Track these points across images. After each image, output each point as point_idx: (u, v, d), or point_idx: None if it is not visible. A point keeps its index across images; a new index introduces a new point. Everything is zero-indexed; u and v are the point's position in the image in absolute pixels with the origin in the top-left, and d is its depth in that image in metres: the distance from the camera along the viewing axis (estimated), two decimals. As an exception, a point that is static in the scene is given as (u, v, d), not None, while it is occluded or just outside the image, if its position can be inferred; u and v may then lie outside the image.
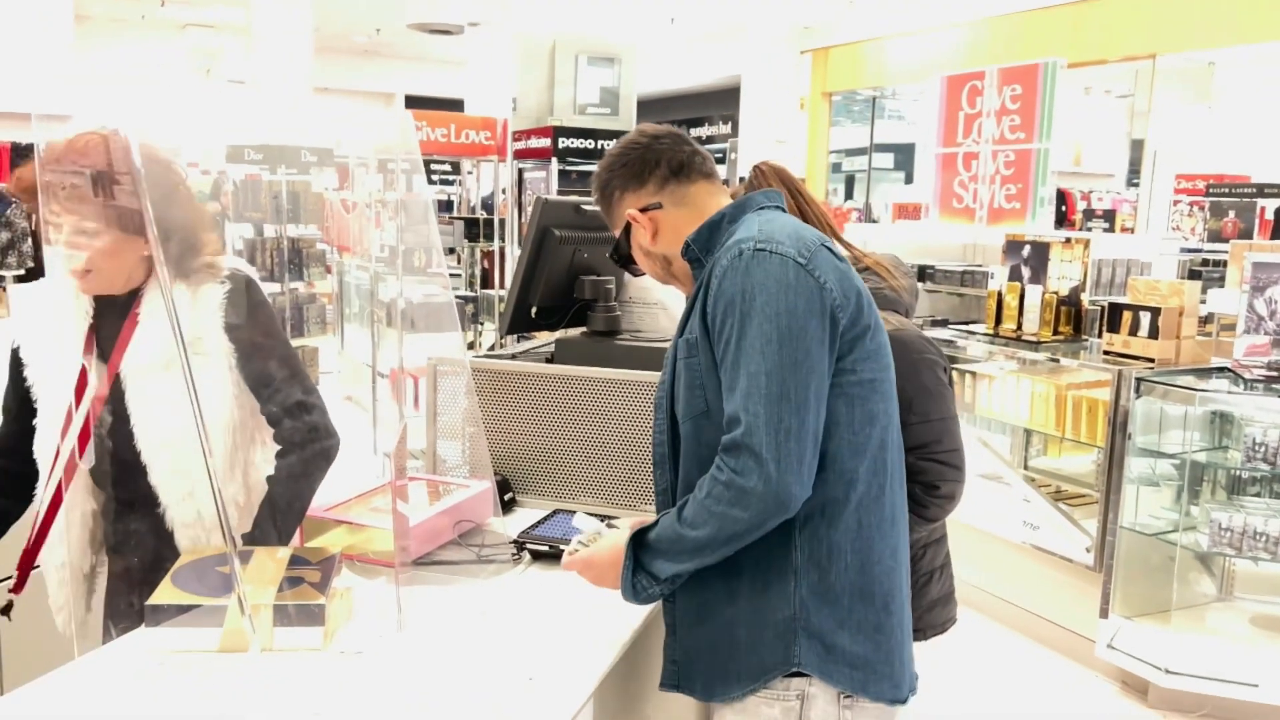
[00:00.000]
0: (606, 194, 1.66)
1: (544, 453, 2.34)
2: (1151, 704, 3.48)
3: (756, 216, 1.55)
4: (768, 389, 1.36)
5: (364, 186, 5.53)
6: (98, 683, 1.49)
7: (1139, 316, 3.61)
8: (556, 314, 2.45)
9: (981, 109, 5.61)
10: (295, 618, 1.57)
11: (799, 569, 1.45)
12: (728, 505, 1.37)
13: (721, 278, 1.44)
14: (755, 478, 1.34)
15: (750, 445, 1.35)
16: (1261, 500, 3.60)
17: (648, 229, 1.62)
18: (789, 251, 1.43)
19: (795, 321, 1.39)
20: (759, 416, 1.35)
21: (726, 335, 1.41)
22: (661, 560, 1.47)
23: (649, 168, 1.63)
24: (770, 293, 1.39)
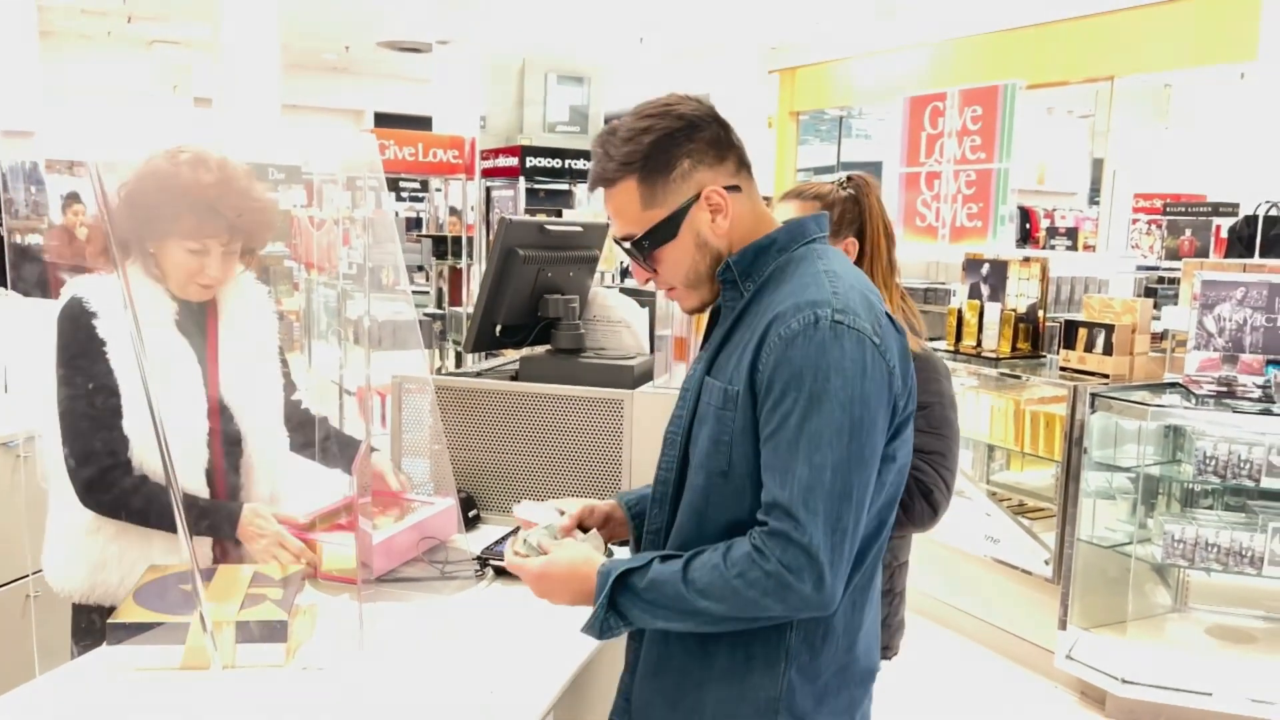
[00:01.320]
0: (665, 162, 1.36)
1: (508, 469, 2.36)
2: (1109, 713, 3.55)
3: (814, 256, 1.38)
4: (831, 485, 1.24)
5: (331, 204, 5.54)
6: (58, 702, 1.49)
7: (1094, 333, 3.70)
8: (521, 332, 2.48)
9: (943, 129, 5.72)
10: (258, 634, 1.59)
11: (791, 650, 1.35)
12: (762, 594, 1.24)
13: (789, 341, 1.27)
14: (808, 581, 1.23)
15: (805, 545, 1.23)
16: (1213, 513, 3.69)
17: (724, 213, 1.38)
18: (866, 328, 1.28)
19: (868, 413, 1.26)
20: (818, 514, 1.23)
21: (786, 410, 1.26)
22: (643, 610, 1.33)
23: (728, 146, 1.40)
24: (847, 376, 1.25)
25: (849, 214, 2.09)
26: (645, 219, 1.38)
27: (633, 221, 1.39)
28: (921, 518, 1.99)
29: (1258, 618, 3.87)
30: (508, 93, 7.96)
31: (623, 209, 1.40)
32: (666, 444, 1.46)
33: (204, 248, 1.87)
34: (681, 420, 1.44)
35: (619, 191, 1.39)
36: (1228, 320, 3.49)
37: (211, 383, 1.96)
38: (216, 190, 1.85)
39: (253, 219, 1.94)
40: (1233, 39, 7.52)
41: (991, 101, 5.42)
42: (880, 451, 1.30)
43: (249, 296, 2.07)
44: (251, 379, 2.03)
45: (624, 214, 1.40)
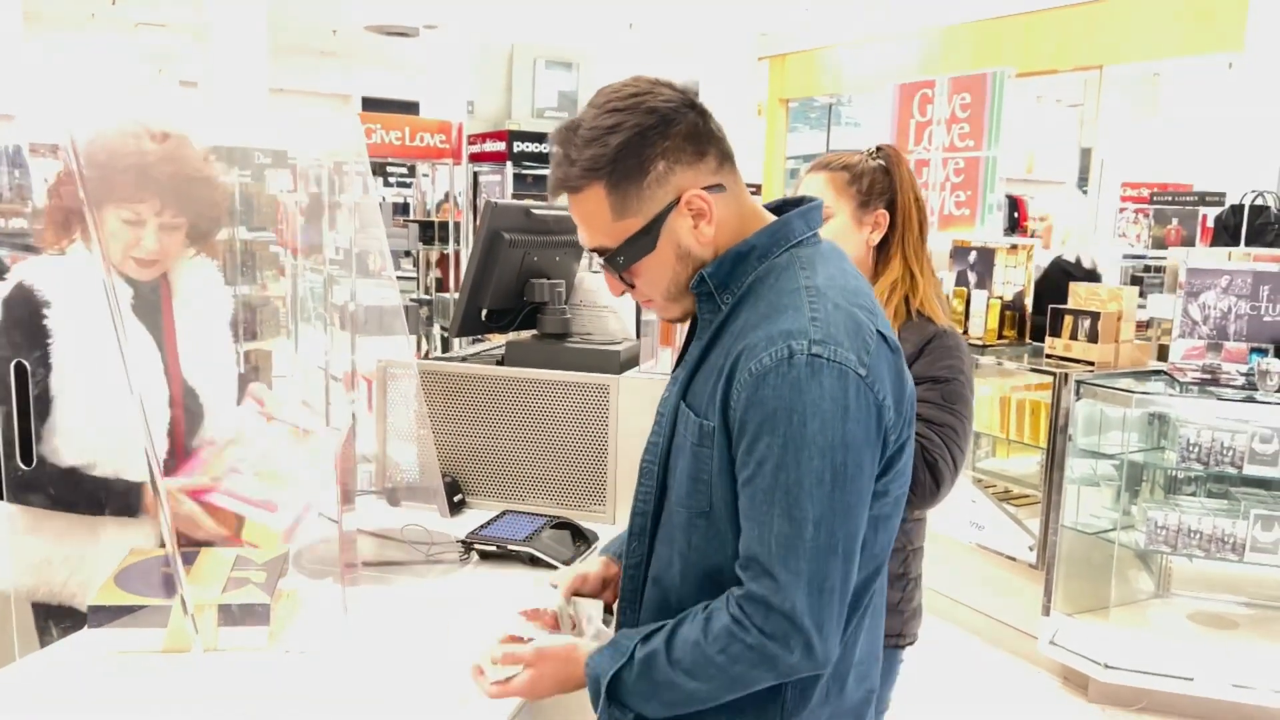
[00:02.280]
0: (638, 165, 1.20)
1: (494, 454, 2.36)
2: (1092, 698, 3.57)
3: (796, 266, 1.23)
4: (814, 540, 1.12)
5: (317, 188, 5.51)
6: (38, 684, 1.48)
7: (1079, 321, 3.71)
8: (507, 316, 2.48)
9: (932, 117, 5.72)
10: (240, 617, 1.58)
11: (786, 704, 1.25)
12: (749, 667, 1.15)
13: (760, 379, 1.14)
14: (796, 651, 1.13)
15: (787, 612, 1.12)
16: (1196, 499, 3.71)
17: (708, 217, 1.23)
18: (850, 359, 1.14)
19: (852, 456, 1.13)
20: (800, 575, 1.11)
21: (760, 456, 1.13)
22: (642, 700, 1.23)
23: (707, 139, 1.23)
24: (826, 418, 1.12)
25: (879, 184, 2.01)
26: (618, 230, 1.23)
27: (603, 233, 1.24)
28: (923, 491, 1.88)
29: (1239, 603, 3.91)
30: (496, 78, 7.93)
31: (591, 218, 1.24)
32: (643, 474, 1.33)
33: (137, 216, 1.78)
34: (658, 449, 1.30)
35: (585, 199, 1.23)
36: (1213, 308, 3.51)
37: (172, 370, 1.90)
38: (155, 157, 1.78)
39: (195, 192, 1.85)
40: (1221, 29, 7.53)
41: (980, 89, 5.42)
42: (869, 495, 1.18)
43: (203, 281, 2.00)
44: (210, 364, 1.98)
45: (592, 224, 1.25)
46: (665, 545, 1.30)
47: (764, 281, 1.24)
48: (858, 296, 1.24)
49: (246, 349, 6.62)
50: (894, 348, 1.25)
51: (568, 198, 1.26)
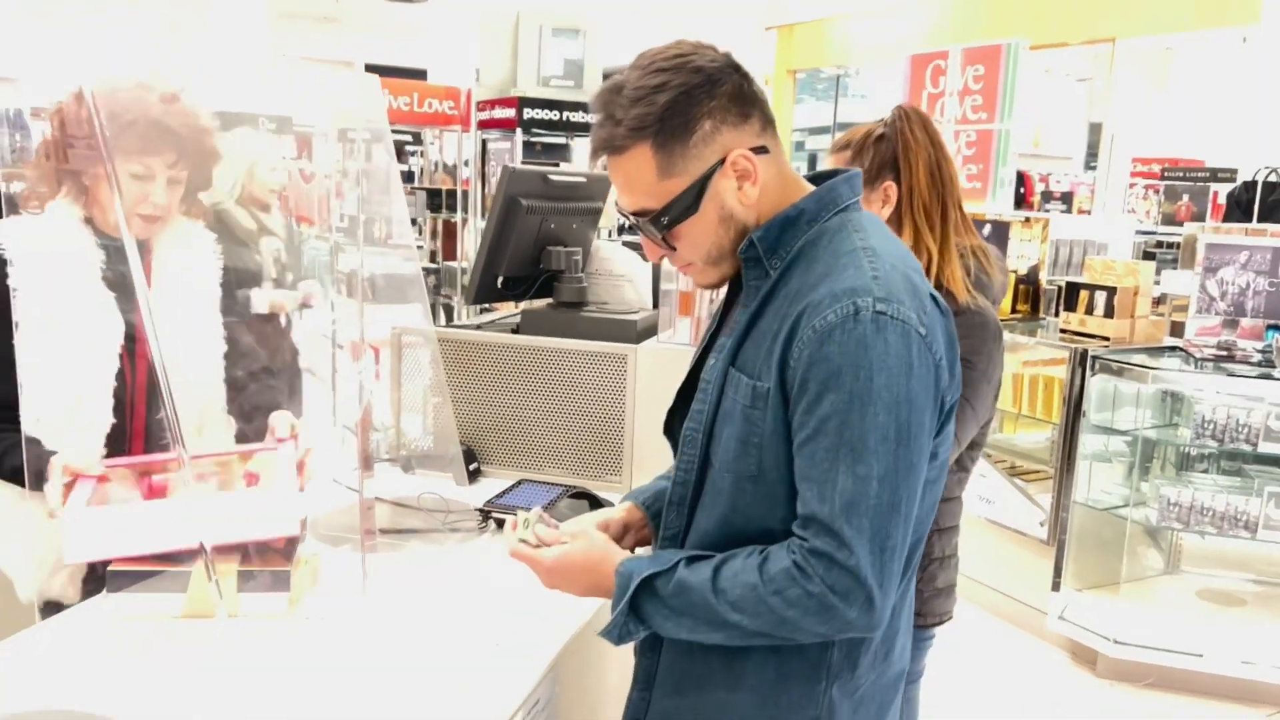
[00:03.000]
0: (684, 124, 1.19)
1: (509, 423, 2.34)
2: (1100, 674, 3.58)
3: (849, 229, 1.22)
4: (878, 497, 1.12)
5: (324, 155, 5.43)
6: (59, 648, 1.47)
7: (1095, 296, 3.68)
8: (523, 284, 2.45)
9: (945, 89, 5.66)
10: (261, 584, 1.56)
11: (832, 667, 1.25)
12: (803, 614, 1.14)
13: (825, 336, 1.13)
14: (857, 607, 1.12)
15: (852, 568, 1.11)
16: (1209, 476, 3.70)
17: (752, 178, 1.22)
18: (911, 318, 1.14)
19: (915, 415, 1.14)
20: (864, 531, 1.11)
21: (824, 414, 1.13)
22: (665, 617, 1.22)
23: (751, 101, 1.23)
24: (891, 375, 1.12)
25: (882, 155, 1.92)
26: (661, 191, 1.21)
27: (646, 194, 1.22)
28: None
29: (1248, 580, 3.91)
30: (501, 46, 7.82)
31: (634, 180, 1.22)
32: (685, 442, 1.30)
33: (147, 170, 1.74)
34: (703, 416, 1.27)
35: (629, 160, 1.21)
36: (1230, 284, 3.48)
37: (140, 342, 1.79)
38: (160, 109, 1.73)
39: (197, 146, 1.81)
40: (1235, 3, 7.45)
41: (994, 61, 5.36)
42: (928, 455, 1.18)
43: (189, 245, 1.91)
44: (185, 335, 1.83)
45: (635, 186, 1.23)
46: (704, 515, 1.28)
47: (816, 244, 1.23)
48: (909, 260, 1.25)
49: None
50: (944, 311, 1.25)
51: (608, 160, 1.24)
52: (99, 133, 1.47)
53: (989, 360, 1.93)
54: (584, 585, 1.31)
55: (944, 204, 1.92)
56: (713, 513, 1.27)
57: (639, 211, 1.25)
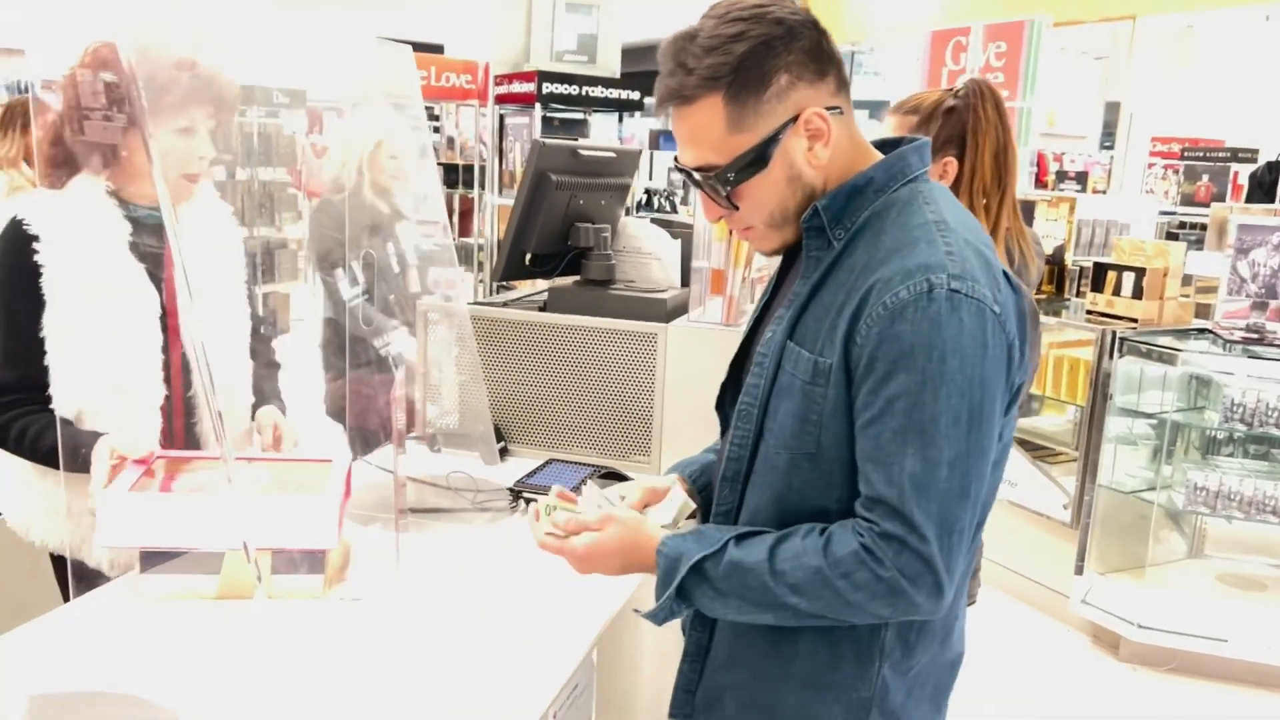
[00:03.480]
0: (760, 76, 1.13)
1: (536, 402, 2.31)
2: (1122, 658, 3.55)
3: (920, 201, 1.18)
4: (948, 482, 1.08)
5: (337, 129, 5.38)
6: (91, 628, 1.45)
7: (1123, 277, 3.63)
8: (550, 261, 2.41)
9: (965, 65, 5.58)
10: (295, 565, 1.54)
11: (885, 647, 1.22)
12: (871, 597, 1.11)
13: (897, 313, 1.09)
14: (925, 591, 1.10)
15: (923, 553, 1.08)
16: (1235, 460, 3.66)
17: (825, 139, 1.17)
18: (986, 295, 1.10)
19: (988, 397, 1.10)
20: (932, 516, 1.08)
21: (893, 394, 1.09)
22: (713, 599, 1.19)
23: (828, 59, 1.17)
24: (966, 357, 1.08)
25: (949, 128, 1.85)
26: (730, 146, 1.16)
27: (714, 149, 1.17)
28: None
29: (1272, 566, 3.88)
30: (515, 20, 7.74)
31: (701, 133, 1.17)
32: (740, 417, 1.26)
33: (190, 124, 1.71)
34: (758, 390, 1.23)
35: (698, 111, 1.16)
36: (1262, 266, 3.43)
37: (171, 316, 1.77)
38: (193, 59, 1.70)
39: (230, 95, 1.79)
40: (1260, -20, 7.34)
41: (1017, 38, 5.29)
42: (995, 438, 1.14)
43: (210, 213, 1.88)
44: (214, 306, 1.83)
45: (702, 139, 1.17)
46: (757, 491, 1.25)
47: (884, 216, 1.18)
48: (980, 235, 1.20)
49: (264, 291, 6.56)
50: (1016, 289, 1.20)
51: (675, 112, 1.19)
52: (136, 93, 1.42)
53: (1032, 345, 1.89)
54: (620, 567, 1.28)
55: (1004, 188, 1.85)
56: (766, 490, 1.23)
57: (703, 167, 1.19)
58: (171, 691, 1.27)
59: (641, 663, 1.95)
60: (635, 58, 9.43)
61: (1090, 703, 3.33)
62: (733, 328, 2.20)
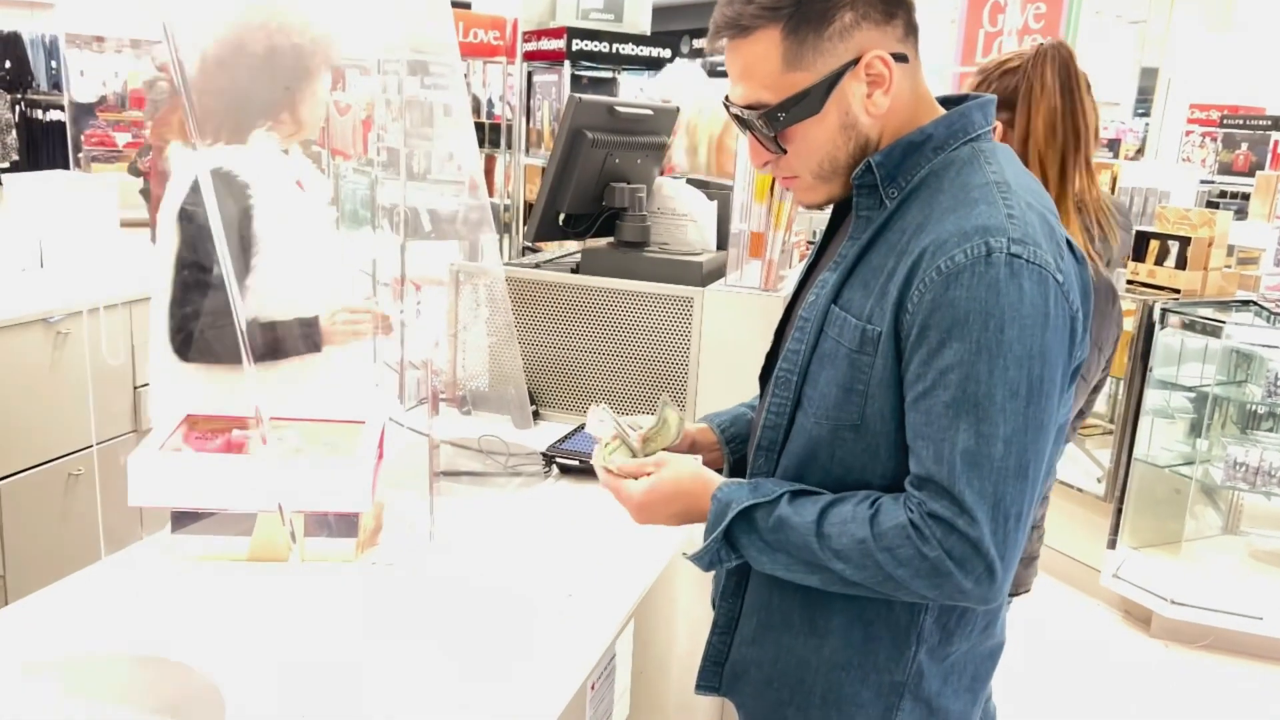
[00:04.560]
0: (822, 12, 1.07)
1: (568, 365, 2.27)
2: (1154, 634, 3.51)
3: (981, 160, 1.11)
4: (1004, 460, 1.01)
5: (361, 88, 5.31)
6: (122, 587, 1.43)
7: (1167, 245, 3.54)
8: (584, 222, 2.36)
9: (1003, 27, 5.44)
10: (328, 528, 1.51)
11: (923, 633, 1.17)
12: (914, 575, 1.04)
13: (952, 278, 1.02)
14: (974, 577, 1.03)
15: (975, 539, 1.01)
16: (1275, 435, 3.59)
17: (885, 86, 1.10)
18: (1049, 262, 1.03)
19: (1048, 369, 1.02)
20: (986, 497, 1.01)
21: (945, 365, 1.02)
22: (760, 550, 1.14)
23: (899, 2, 1.10)
24: (1025, 325, 1.01)
25: (1002, 89, 1.75)
26: (784, 84, 1.09)
27: (766, 85, 1.10)
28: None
29: (1308, 543, 3.82)
30: (541, -24, 7.62)
31: (754, 67, 1.10)
32: (778, 384, 1.20)
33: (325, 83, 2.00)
34: (798, 357, 1.17)
35: (754, 43, 1.09)
36: (1311, 237, 3.33)
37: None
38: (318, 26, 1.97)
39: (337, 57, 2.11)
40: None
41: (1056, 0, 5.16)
42: (1056, 415, 1.07)
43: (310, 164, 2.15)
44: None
45: (755, 74, 1.10)
46: (799, 462, 1.19)
47: (942, 175, 1.11)
48: (1045, 199, 1.13)
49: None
50: (1080, 259, 1.13)
51: (729, 43, 1.12)
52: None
53: (1098, 326, 1.78)
54: (678, 514, 1.22)
55: (1063, 159, 1.74)
56: (803, 460, 1.17)
57: (753, 105, 1.12)
58: (209, 657, 1.25)
59: (676, 634, 1.92)
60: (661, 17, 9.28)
61: (1121, 679, 3.29)
62: (771, 293, 2.15)
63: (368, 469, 1.52)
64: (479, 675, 1.26)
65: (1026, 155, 1.78)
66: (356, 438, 1.66)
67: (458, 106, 2.21)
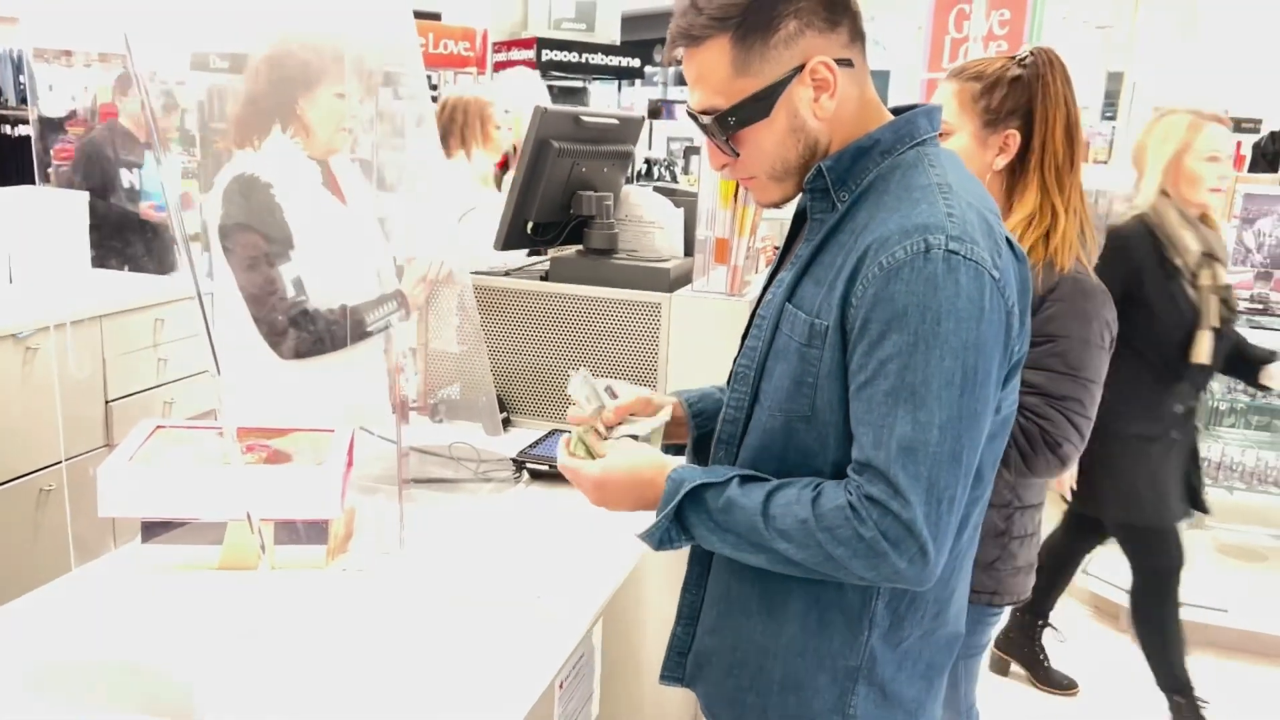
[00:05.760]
0: (768, 21, 1.13)
1: (539, 372, 2.29)
2: (1123, 628, 3.56)
3: (925, 163, 1.16)
4: (938, 446, 1.06)
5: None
6: (94, 596, 1.44)
7: (1128, 247, 3.60)
8: (552, 230, 2.38)
9: (969, 34, 5.52)
10: (298, 535, 1.53)
11: (875, 617, 1.21)
12: (852, 555, 1.08)
13: (892, 274, 1.07)
14: (905, 558, 1.07)
15: (906, 520, 1.06)
16: (1237, 431, 3.65)
17: (830, 91, 1.15)
18: (985, 259, 1.08)
19: (982, 360, 1.07)
20: (920, 480, 1.05)
21: (885, 355, 1.07)
22: (710, 530, 1.18)
23: (842, 9, 1.16)
24: (961, 318, 1.05)
25: (1014, 99, 1.76)
26: (734, 90, 1.16)
27: (718, 91, 1.17)
28: (1048, 469, 1.74)
29: (1271, 535, 3.88)
30: (513, -13, 7.67)
31: (707, 75, 1.17)
32: (737, 379, 1.26)
33: (344, 91, 2.05)
34: (756, 353, 1.23)
35: (705, 52, 1.16)
36: (1268, 235, 3.41)
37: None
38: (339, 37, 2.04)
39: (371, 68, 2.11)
40: (1267, -53, 7.26)
41: (1020, 5, 5.23)
42: (992, 406, 1.12)
43: (349, 165, 2.22)
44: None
45: (708, 81, 1.17)
46: (751, 453, 1.24)
47: (889, 178, 1.16)
48: (986, 200, 1.18)
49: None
50: (1020, 257, 1.18)
51: (684, 52, 1.19)
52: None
53: (1099, 328, 1.77)
54: (631, 499, 1.25)
55: (1075, 164, 1.77)
56: (759, 452, 1.22)
57: (707, 109, 1.19)
58: (181, 665, 1.26)
59: (647, 632, 1.95)
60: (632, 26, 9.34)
61: (1091, 674, 3.34)
62: (736, 297, 2.18)
63: (337, 476, 1.54)
64: (447, 677, 1.29)
65: (1044, 163, 1.79)
66: (327, 446, 1.68)
67: (427, 118, 2.23)
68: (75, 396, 2.99)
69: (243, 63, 2.38)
